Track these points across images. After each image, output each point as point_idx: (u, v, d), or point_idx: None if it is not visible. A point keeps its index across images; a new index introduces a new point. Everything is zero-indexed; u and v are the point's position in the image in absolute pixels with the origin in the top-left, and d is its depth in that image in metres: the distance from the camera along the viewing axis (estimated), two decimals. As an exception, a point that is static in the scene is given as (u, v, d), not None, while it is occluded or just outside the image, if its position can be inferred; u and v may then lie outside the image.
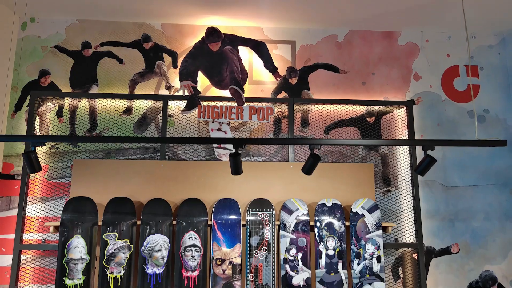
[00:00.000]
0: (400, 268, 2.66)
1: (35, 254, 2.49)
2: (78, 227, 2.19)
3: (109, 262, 2.21)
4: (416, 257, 2.64)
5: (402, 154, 2.78)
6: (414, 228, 2.65)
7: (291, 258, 2.36)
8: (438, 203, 2.78)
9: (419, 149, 2.79)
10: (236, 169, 1.79)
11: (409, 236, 2.66)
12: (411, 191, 2.72)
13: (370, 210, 2.36)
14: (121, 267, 2.22)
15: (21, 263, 2.45)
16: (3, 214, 2.56)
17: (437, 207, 2.77)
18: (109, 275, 2.20)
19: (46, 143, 2.54)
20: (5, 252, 2.51)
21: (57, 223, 2.21)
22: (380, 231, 2.32)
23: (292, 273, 2.34)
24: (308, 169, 1.80)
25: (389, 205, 2.72)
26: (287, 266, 2.35)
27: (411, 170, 2.74)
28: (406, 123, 2.81)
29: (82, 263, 2.17)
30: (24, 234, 2.48)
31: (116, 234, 2.25)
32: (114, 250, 2.23)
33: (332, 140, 1.92)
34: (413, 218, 2.68)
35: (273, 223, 2.42)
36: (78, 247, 2.17)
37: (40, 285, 2.46)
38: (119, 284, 2.21)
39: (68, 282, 2.12)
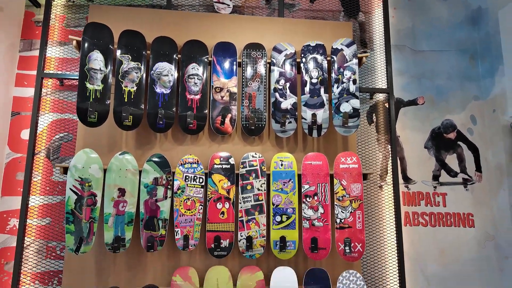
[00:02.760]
0: (374, 114, 3.07)
1: (54, 88, 2.81)
2: (97, 44, 2.53)
3: (123, 78, 2.55)
4: (387, 105, 3.06)
5: (377, 22, 3.20)
6: (386, 80, 3.06)
7: (280, 87, 2.74)
8: (408, 64, 3.20)
9: (391, 20, 3.22)
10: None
11: (382, 86, 3.07)
12: (384, 53, 3.13)
13: (348, 45, 2.76)
14: (133, 84, 2.57)
15: (42, 95, 2.76)
16: (25, 54, 2.87)
17: (407, 67, 3.20)
18: (123, 88, 2.54)
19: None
20: (27, 85, 2.82)
21: (79, 39, 2.55)
22: (356, 60, 2.72)
23: (281, 99, 2.73)
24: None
25: (366, 64, 3.12)
26: (277, 94, 2.73)
27: (384, 35, 3.14)
28: (381, -3, 3.22)
29: (101, 74, 2.50)
30: (44, 71, 2.79)
31: (130, 57, 2.60)
32: (128, 69, 2.57)
33: None
34: (385, 74, 3.09)
35: (265, 62, 2.79)
36: (97, 60, 2.51)
37: (59, 113, 2.79)
38: (132, 97, 2.55)
39: (89, 86, 2.46)
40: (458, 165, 3.09)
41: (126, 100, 2.53)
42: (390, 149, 2.99)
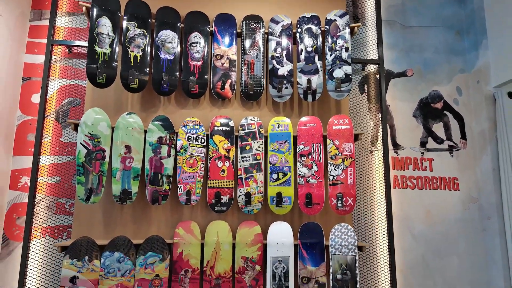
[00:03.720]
0: (365, 84, 3.25)
1: (63, 55, 2.97)
2: (105, 11, 2.69)
3: (130, 43, 2.71)
4: (378, 76, 3.24)
5: (369, -2, 3.39)
6: (377, 53, 3.24)
7: (277, 55, 2.92)
8: (397, 39, 3.39)
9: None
10: None
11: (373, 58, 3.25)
12: (375, 27, 3.31)
13: (341, 16, 2.94)
14: (139, 49, 2.73)
15: (51, 62, 2.91)
16: (35, 23, 3.02)
17: (396, 41, 3.38)
18: (130, 53, 2.70)
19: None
20: (37, 53, 2.97)
21: (89, 5, 2.70)
22: (348, 30, 2.90)
23: (278, 66, 2.90)
24: None
25: (358, 39, 3.30)
26: (274, 61, 2.90)
27: (375, 10, 3.32)
28: (373, -24, 3.40)
29: (109, 38, 2.66)
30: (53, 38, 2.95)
31: (136, 24, 2.75)
32: (134, 35, 2.73)
33: None
34: (376, 47, 3.26)
35: (263, 32, 2.96)
36: (105, 25, 2.67)
37: (67, 79, 2.94)
38: (138, 61, 2.71)
39: (97, 49, 2.62)
40: (444, 133, 3.27)
41: (132, 64, 2.69)
42: (380, 117, 3.16)
